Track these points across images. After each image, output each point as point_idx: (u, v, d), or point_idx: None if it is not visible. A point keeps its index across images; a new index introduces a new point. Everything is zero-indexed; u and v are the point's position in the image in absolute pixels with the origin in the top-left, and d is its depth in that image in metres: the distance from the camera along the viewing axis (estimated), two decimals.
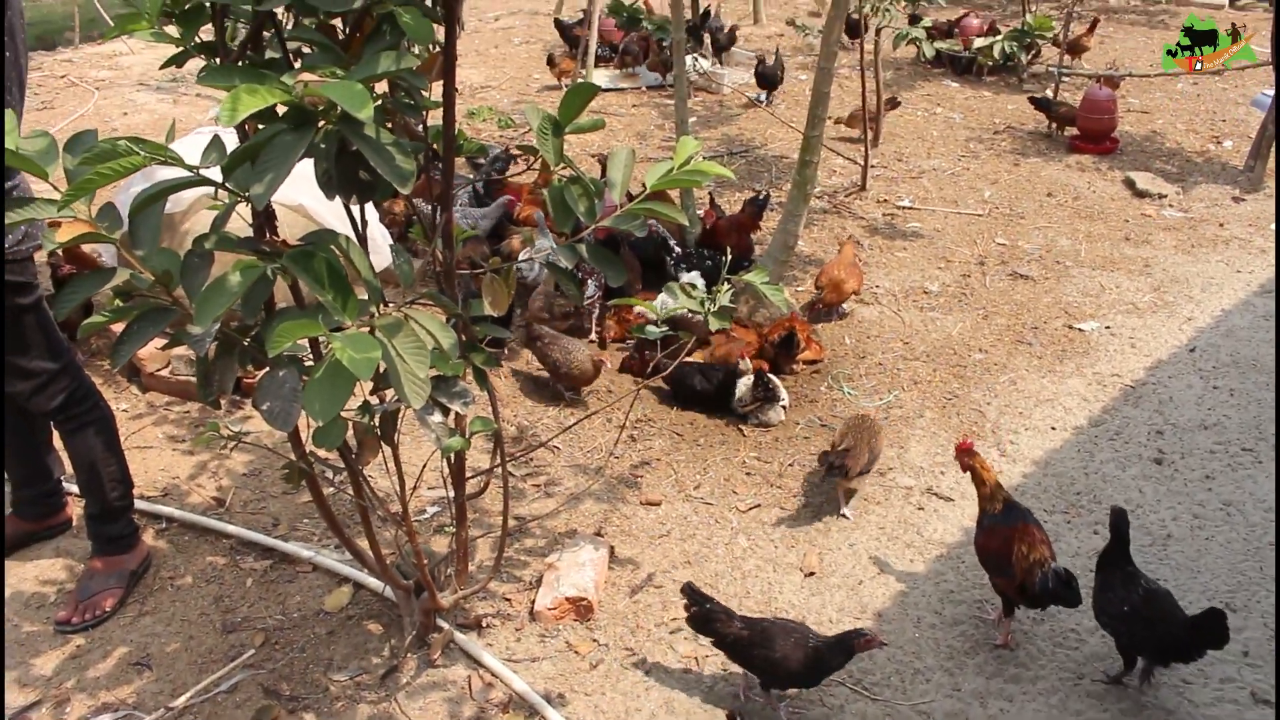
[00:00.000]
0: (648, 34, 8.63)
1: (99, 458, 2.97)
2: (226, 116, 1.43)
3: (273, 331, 1.61)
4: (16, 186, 2.68)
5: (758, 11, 10.81)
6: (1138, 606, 2.63)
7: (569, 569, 3.04)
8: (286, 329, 1.62)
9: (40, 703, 2.75)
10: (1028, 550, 2.77)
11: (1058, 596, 2.71)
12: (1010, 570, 2.78)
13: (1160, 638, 2.61)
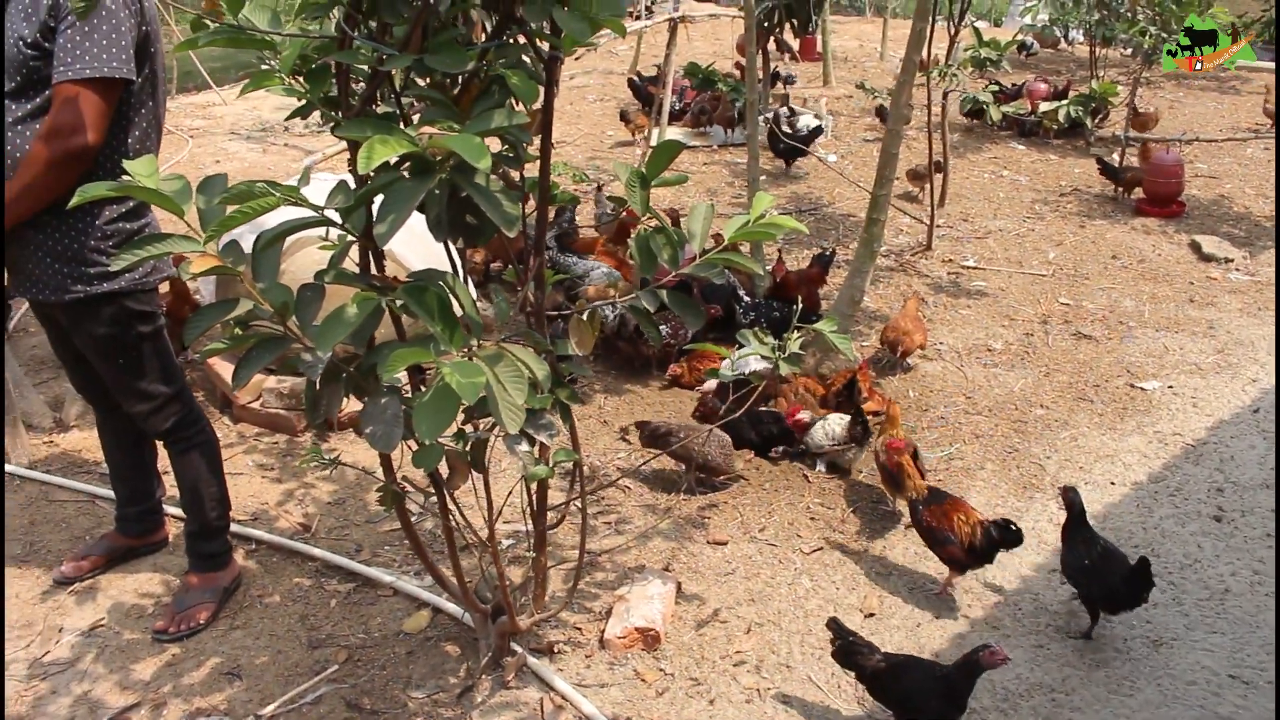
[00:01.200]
0: (720, 94, 8.86)
1: (202, 479, 3.17)
2: (363, 162, 1.61)
3: (388, 358, 1.79)
4: (149, 224, 2.90)
5: (828, 74, 11.02)
6: (1095, 561, 3.13)
7: (638, 601, 3.17)
8: (401, 355, 1.79)
9: (139, 705, 2.93)
10: (965, 516, 3.32)
11: (1003, 542, 3.24)
12: (954, 538, 3.29)
13: (1109, 587, 3.09)
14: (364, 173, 1.62)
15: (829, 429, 4.02)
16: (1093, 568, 3.12)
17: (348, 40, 2.08)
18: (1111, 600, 3.11)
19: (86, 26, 2.57)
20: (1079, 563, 3.16)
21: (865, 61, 12.56)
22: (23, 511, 3.88)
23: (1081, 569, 3.15)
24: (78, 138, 2.60)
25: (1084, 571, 3.14)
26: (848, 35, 14.47)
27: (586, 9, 2.01)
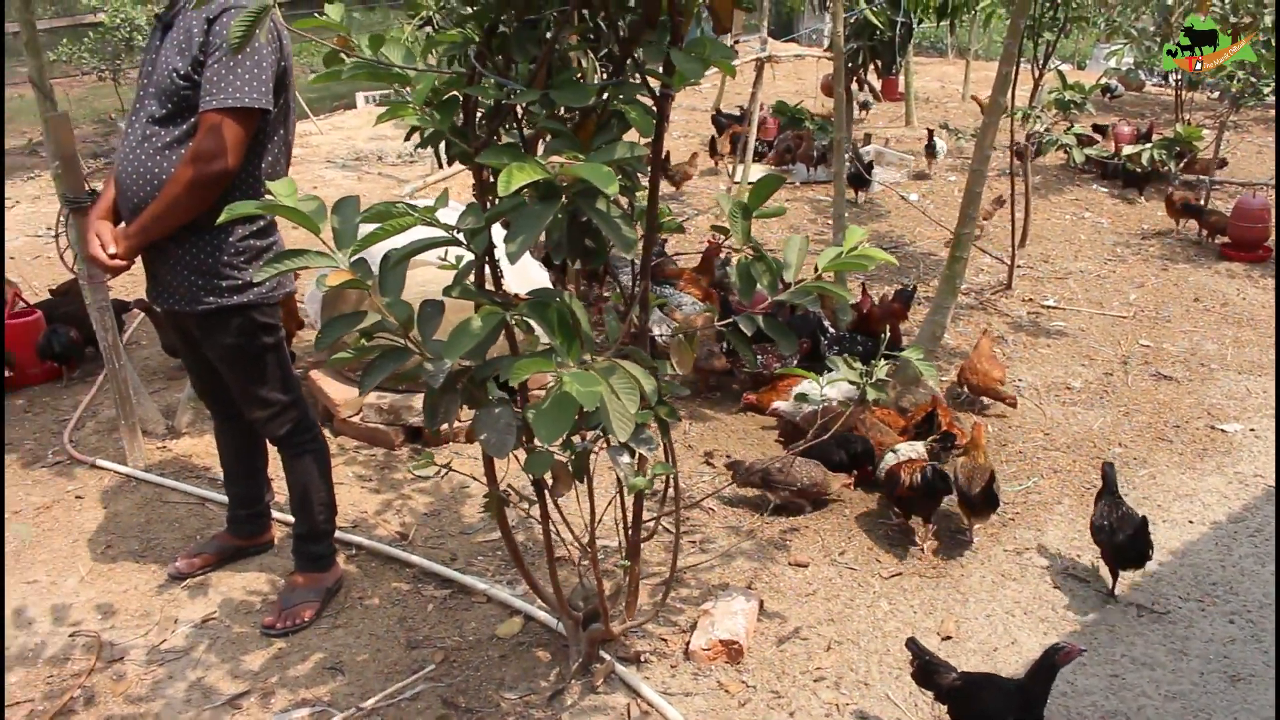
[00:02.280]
0: (804, 131, 9.00)
1: (312, 483, 3.36)
2: (503, 185, 1.77)
3: (513, 366, 1.94)
4: (275, 242, 3.12)
5: (910, 114, 11.11)
6: (1113, 523, 3.54)
7: (722, 616, 3.29)
8: (525, 365, 1.95)
9: (249, 693, 3.12)
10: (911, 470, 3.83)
11: (933, 487, 3.72)
12: None
13: (1117, 545, 3.51)
14: (505, 194, 1.78)
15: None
16: (1110, 528, 3.55)
17: (476, 75, 2.26)
18: (1120, 556, 3.54)
19: (232, 61, 2.79)
20: (1101, 524, 3.59)
21: (947, 102, 12.64)
22: (139, 511, 4.12)
23: (1101, 529, 3.58)
24: (219, 162, 2.82)
25: (1102, 531, 3.57)
26: (929, 76, 14.55)
27: (700, 51, 2.17)
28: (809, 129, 8.98)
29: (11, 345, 5.24)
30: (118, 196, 3.05)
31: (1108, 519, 3.58)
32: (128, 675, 3.23)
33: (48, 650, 3.35)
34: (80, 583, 3.69)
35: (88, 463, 4.49)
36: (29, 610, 3.55)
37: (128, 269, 3.06)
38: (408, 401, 4.45)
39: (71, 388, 5.33)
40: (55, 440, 4.76)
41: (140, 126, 2.96)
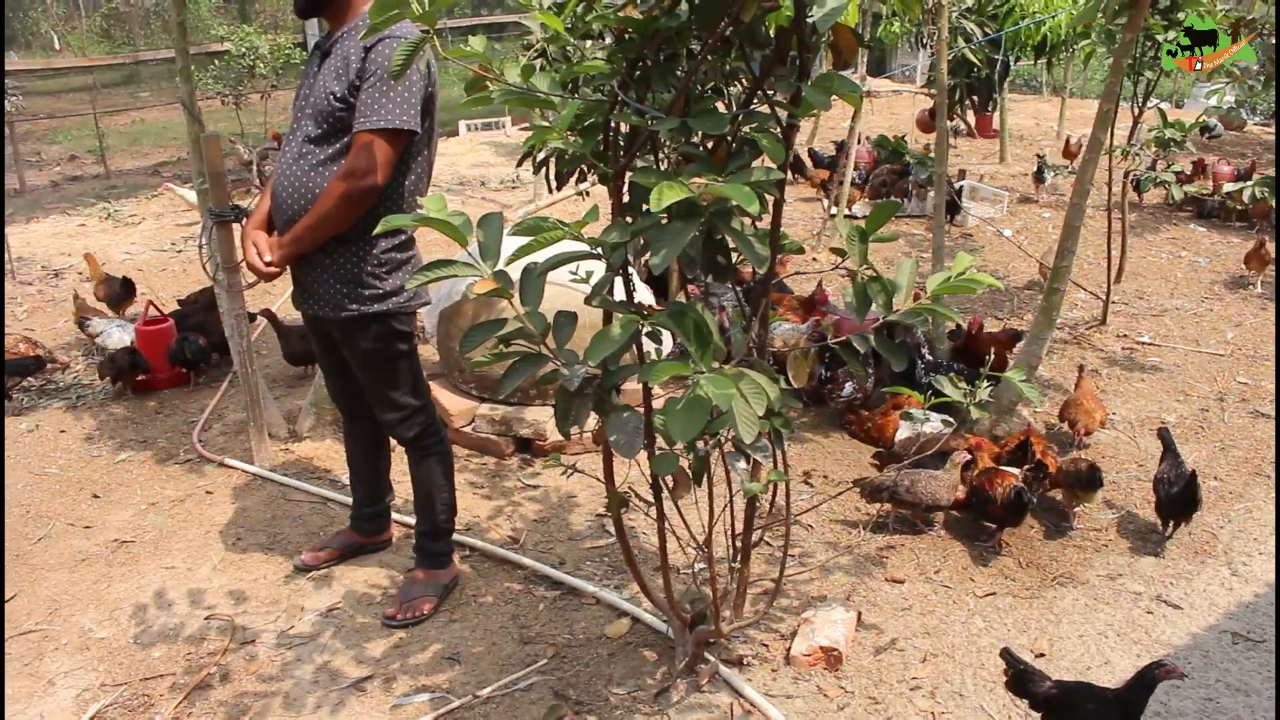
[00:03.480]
0: (901, 166, 9.12)
1: (436, 484, 3.57)
2: (655, 202, 1.95)
3: (653, 369, 2.12)
4: (415, 255, 3.35)
5: (1004, 151, 11.16)
6: (1170, 476, 4.07)
7: (822, 624, 3.42)
8: (663, 368, 2.12)
9: (372, 677, 3.33)
10: (1003, 488, 3.99)
11: (1020, 503, 3.95)
12: None
13: (1169, 497, 4.03)
14: (657, 210, 1.96)
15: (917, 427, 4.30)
16: (1167, 481, 4.06)
17: (619, 104, 2.45)
18: (1170, 507, 4.05)
19: (385, 85, 3.02)
20: (1161, 478, 4.11)
21: (1041, 139, 12.63)
22: (265, 507, 4.37)
23: (1159, 481, 4.11)
24: (369, 178, 3.05)
25: (1160, 483, 4.10)
26: (1024, 113, 14.54)
27: (828, 84, 2.34)
28: (909, 161, 9.08)
29: (145, 351, 5.57)
30: (273, 208, 3.30)
31: (1168, 474, 4.09)
32: (259, 656, 3.45)
33: (186, 630, 3.59)
34: (213, 570, 3.94)
35: (216, 461, 4.77)
36: (169, 593, 3.81)
37: (280, 275, 3.32)
38: (519, 413, 4.66)
39: (198, 392, 5.64)
40: (185, 440, 5.05)
41: (297, 145, 3.21)
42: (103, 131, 11.83)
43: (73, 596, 3.83)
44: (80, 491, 4.62)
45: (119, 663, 3.46)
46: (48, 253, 8.38)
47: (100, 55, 16.05)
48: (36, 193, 10.54)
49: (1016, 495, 3.91)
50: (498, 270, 2.58)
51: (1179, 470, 4.08)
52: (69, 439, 5.15)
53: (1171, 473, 4.09)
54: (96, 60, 13.80)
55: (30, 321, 6.85)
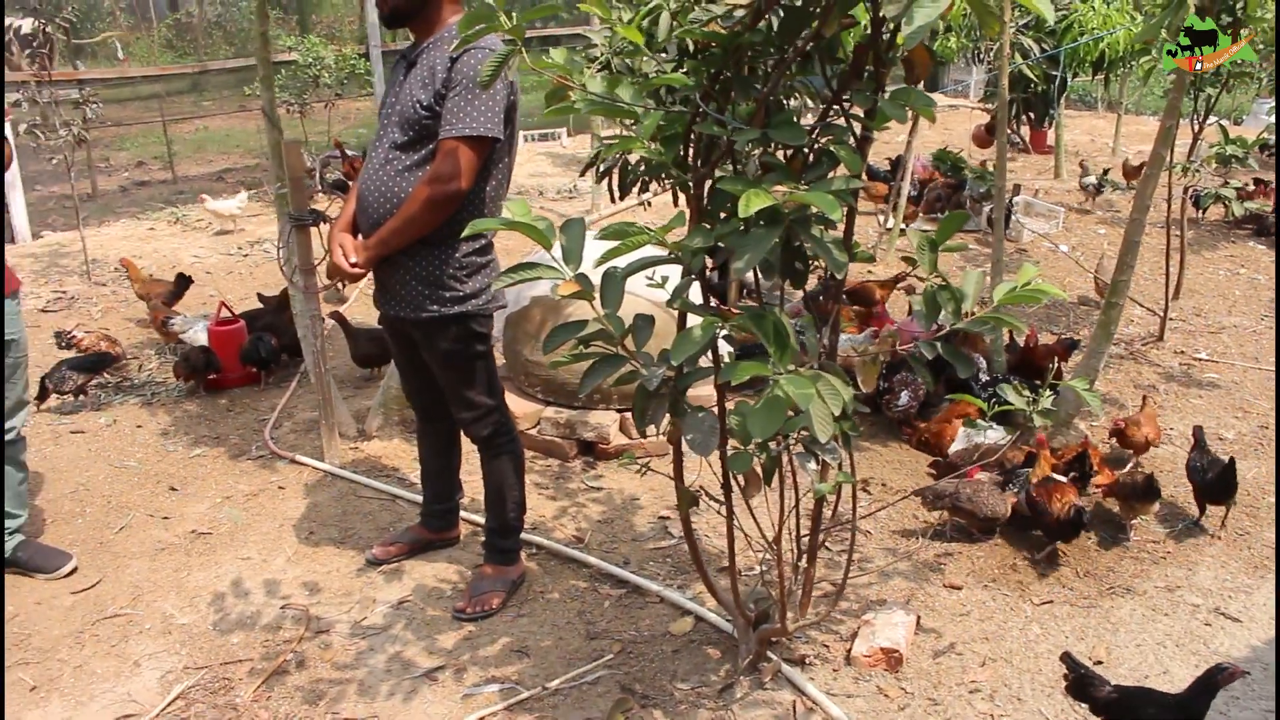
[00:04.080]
0: (956, 180, 9.15)
1: (507, 482, 3.68)
2: (744, 209, 2.05)
3: (735, 369, 2.21)
4: (493, 259, 3.46)
5: (1059, 167, 11.15)
6: (1205, 465, 4.33)
7: (883, 626, 3.49)
8: (745, 367, 2.21)
9: (444, 668, 3.43)
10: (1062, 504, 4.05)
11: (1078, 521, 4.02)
12: None
13: (1208, 482, 4.29)
14: (744, 216, 2.05)
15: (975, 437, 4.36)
16: (1201, 469, 4.32)
17: (701, 115, 2.55)
18: (1210, 491, 4.30)
19: (470, 94, 3.14)
20: (1194, 465, 4.37)
21: (1097, 156, 12.59)
22: (336, 503, 4.50)
23: (1193, 469, 4.36)
24: (454, 184, 3.17)
25: (1195, 471, 4.35)
26: (1079, 129, 14.49)
27: (905, 99, 2.43)
28: (967, 176, 9.12)
29: (217, 350, 5.74)
30: (358, 212, 3.43)
31: (1199, 463, 4.35)
32: (333, 645, 3.57)
33: (263, 619, 3.73)
34: (287, 562, 4.07)
35: (288, 458, 4.92)
36: (245, 583, 3.94)
37: (365, 276, 3.45)
38: (583, 417, 4.77)
39: (268, 391, 5.80)
40: (257, 436, 5.20)
41: (383, 151, 3.34)
42: (170, 138, 12.12)
43: (154, 584, 3.97)
44: (158, 484, 4.78)
45: (200, 647, 3.59)
46: (119, 255, 8.60)
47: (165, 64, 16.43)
48: (107, 197, 10.83)
49: (1076, 514, 3.94)
50: (579, 273, 2.68)
51: (1209, 459, 4.33)
52: (145, 434, 5.32)
53: (1203, 460, 4.33)
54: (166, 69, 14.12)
55: (104, 320, 7.05)
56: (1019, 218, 8.77)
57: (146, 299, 6.68)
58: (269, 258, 8.49)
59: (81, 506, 4.60)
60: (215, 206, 9.01)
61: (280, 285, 7.42)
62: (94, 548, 4.24)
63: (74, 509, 4.58)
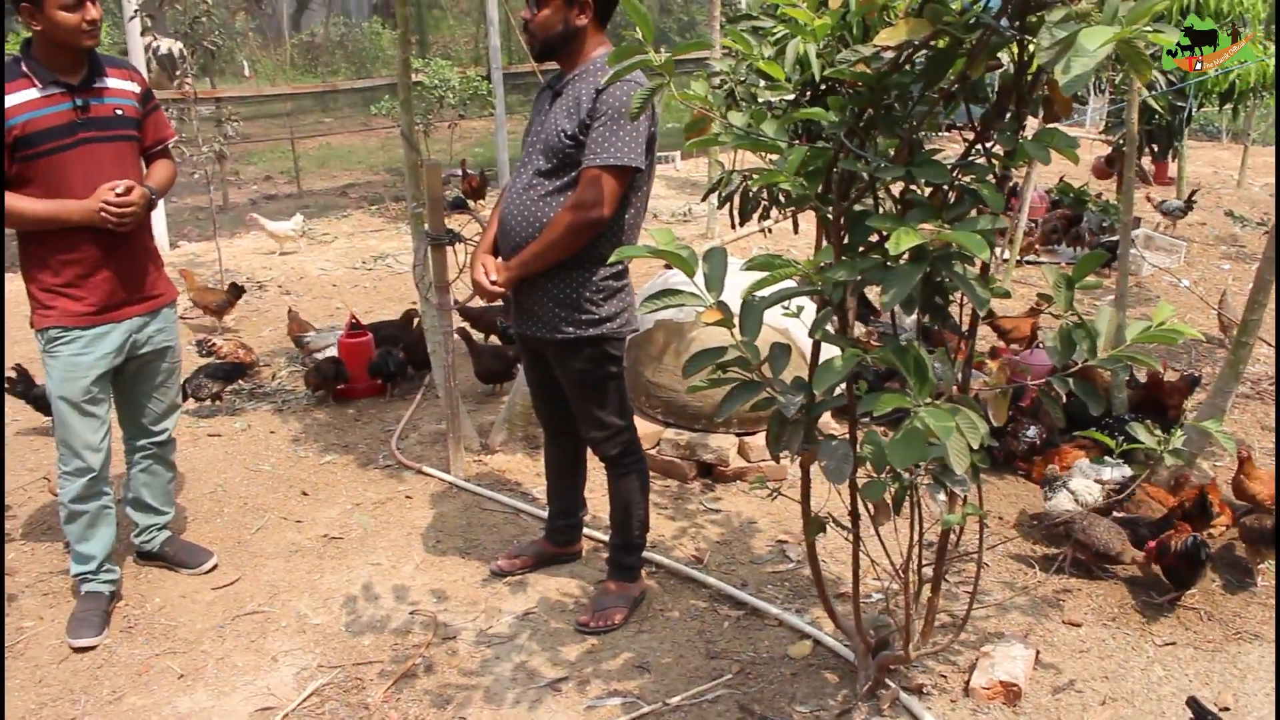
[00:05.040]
0: (1072, 213, 9.06)
1: (634, 501, 3.78)
2: (894, 246, 2.12)
3: (877, 400, 2.28)
4: (628, 284, 3.58)
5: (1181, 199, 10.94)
6: None
7: (1001, 659, 3.50)
8: (886, 399, 2.28)
9: (567, 679, 3.53)
10: None
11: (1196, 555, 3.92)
12: None
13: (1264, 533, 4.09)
14: (895, 253, 2.12)
15: (1081, 493, 4.32)
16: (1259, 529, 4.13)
17: (845, 150, 2.62)
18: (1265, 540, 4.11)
19: (614, 125, 3.26)
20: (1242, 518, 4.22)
21: (1220, 188, 12.33)
22: (461, 514, 4.65)
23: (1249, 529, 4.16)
24: (596, 211, 3.29)
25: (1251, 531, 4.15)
26: (1201, 161, 14.19)
27: (1048, 139, 2.47)
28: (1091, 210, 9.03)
29: (347, 361, 5.96)
30: (499, 235, 3.57)
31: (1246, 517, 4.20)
32: (460, 652, 3.70)
33: (392, 622, 3.87)
34: (415, 569, 4.22)
35: (415, 469, 5.09)
36: (375, 587, 4.10)
37: (502, 296, 3.58)
38: (703, 439, 4.85)
39: (393, 403, 6.00)
40: (383, 446, 5.39)
41: (527, 177, 3.48)
42: (296, 154, 12.54)
43: (289, 583, 4.15)
44: (290, 488, 4.98)
45: (333, 647, 3.75)
46: (250, 266, 8.96)
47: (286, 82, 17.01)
48: (237, 209, 11.25)
49: (1194, 546, 3.90)
50: (719, 301, 2.77)
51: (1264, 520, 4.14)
52: (278, 439, 5.55)
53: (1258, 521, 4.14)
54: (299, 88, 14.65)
55: (236, 329, 7.36)
56: (1140, 251, 8.64)
57: (205, 308, 7.12)
58: (392, 272, 8.76)
59: (220, 507, 4.82)
60: (271, 228, 9.20)
61: (403, 299, 7.68)
62: (232, 546, 4.45)
63: (213, 509, 4.80)
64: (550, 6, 3.39)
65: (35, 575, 4.29)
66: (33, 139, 3.48)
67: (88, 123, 3.60)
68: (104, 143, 3.64)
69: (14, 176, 3.52)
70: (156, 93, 4.01)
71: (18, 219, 3.56)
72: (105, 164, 3.62)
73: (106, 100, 3.66)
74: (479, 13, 24.54)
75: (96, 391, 3.76)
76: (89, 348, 3.71)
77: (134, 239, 3.77)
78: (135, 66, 4.08)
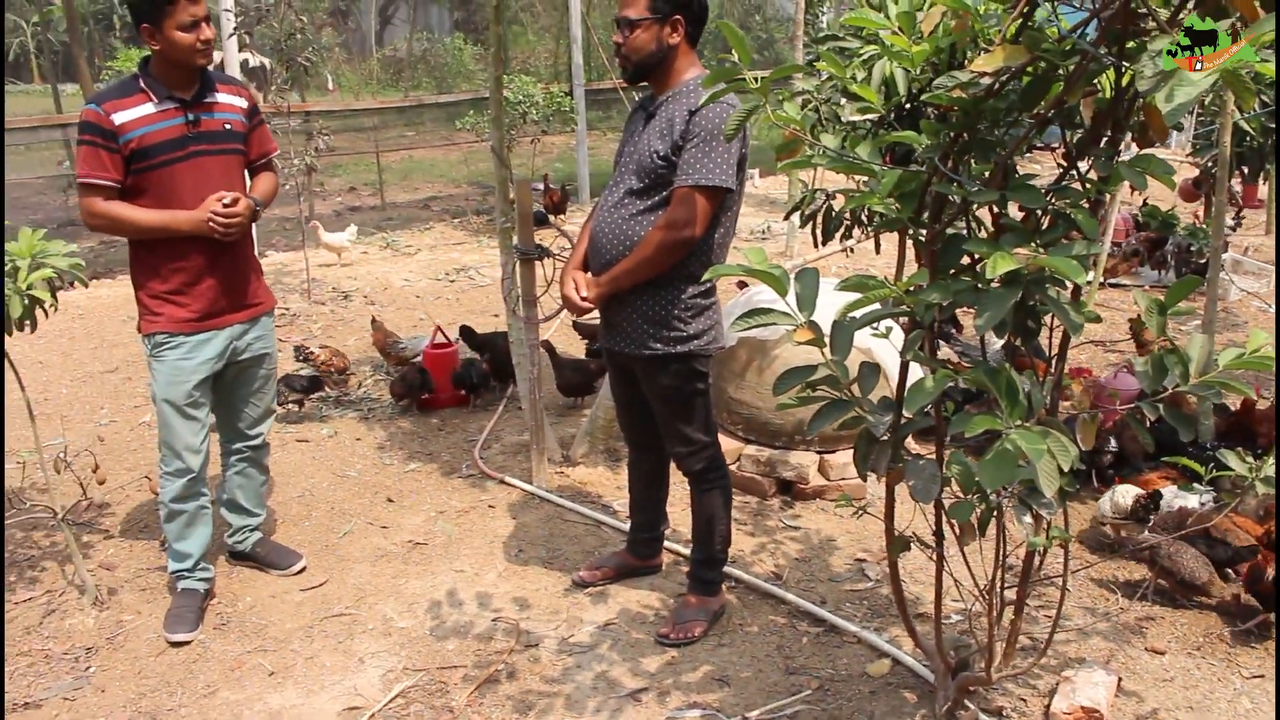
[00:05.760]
0: (1156, 235, 8.94)
1: (716, 516, 3.82)
2: (991, 270, 2.15)
3: (969, 421, 2.30)
4: (715, 302, 3.63)
5: (1271, 223, 10.74)
6: None
7: (1083, 684, 3.49)
8: (979, 421, 2.30)
9: (647, 689, 3.58)
10: None
11: None
12: None
13: None
14: (992, 277, 2.15)
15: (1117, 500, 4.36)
16: None
17: (939, 174, 2.65)
18: None
19: (707, 146, 3.32)
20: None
21: None
22: (543, 525, 4.73)
23: None
24: (688, 230, 3.36)
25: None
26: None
27: (1145, 165, 2.48)
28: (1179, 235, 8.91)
29: (431, 371, 6.09)
30: (590, 252, 3.65)
31: None
32: (542, 660, 3.77)
33: (475, 628, 3.95)
34: (498, 577, 4.31)
35: (497, 478, 5.18)
36: (459, 593, 4.19)
37: (591, 311, 3.66)
38: (783, 456, 4.89)
39: (475, 414, 6.11)
40: (466, 456, 5.50)
41: (618, 195, 3.55)
42: (381, 167, 12.80)
43: (375, 587, 4.26)
44: (376, 495, 5.10)
45: (418, 650, 3.84)
46: (336, 276, 9.17)
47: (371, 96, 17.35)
48: (322, 220, 11.49)
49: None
50: (810, 320, 2.81)
51: None
52: (364, 446, 5.68)
53: None
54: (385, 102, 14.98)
55: (323, 338, 7.53)
56: (1228, 275, 8.51)
57: None
58: (475, 284, 8.90)
59: (308, 510, 4.96)
60: (327, 239, 9.37)
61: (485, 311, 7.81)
62: (320, 550, 4.57)
63: (301, 512, 4.94)
64: (643, 28, 3.46)
65: (133, 571, 4.45)
66: (148, 151, 3.64)
67: (198, 136, 3.75)
68: (213, 155, 3.79)
69: (129, 187, 3.69)
70: None
71: (130, 228, 3.71)
72: (214, 176, 3.77)
73: (216, 115, 3.81)
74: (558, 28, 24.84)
75: (198, 395, 3.90)
76: (192, 353, 3.85)
77: (237, 249, 3.91)
78: (244, 83, 4.24)
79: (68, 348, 7.61)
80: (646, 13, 3.45)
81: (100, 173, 3.63)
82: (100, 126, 3.60)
